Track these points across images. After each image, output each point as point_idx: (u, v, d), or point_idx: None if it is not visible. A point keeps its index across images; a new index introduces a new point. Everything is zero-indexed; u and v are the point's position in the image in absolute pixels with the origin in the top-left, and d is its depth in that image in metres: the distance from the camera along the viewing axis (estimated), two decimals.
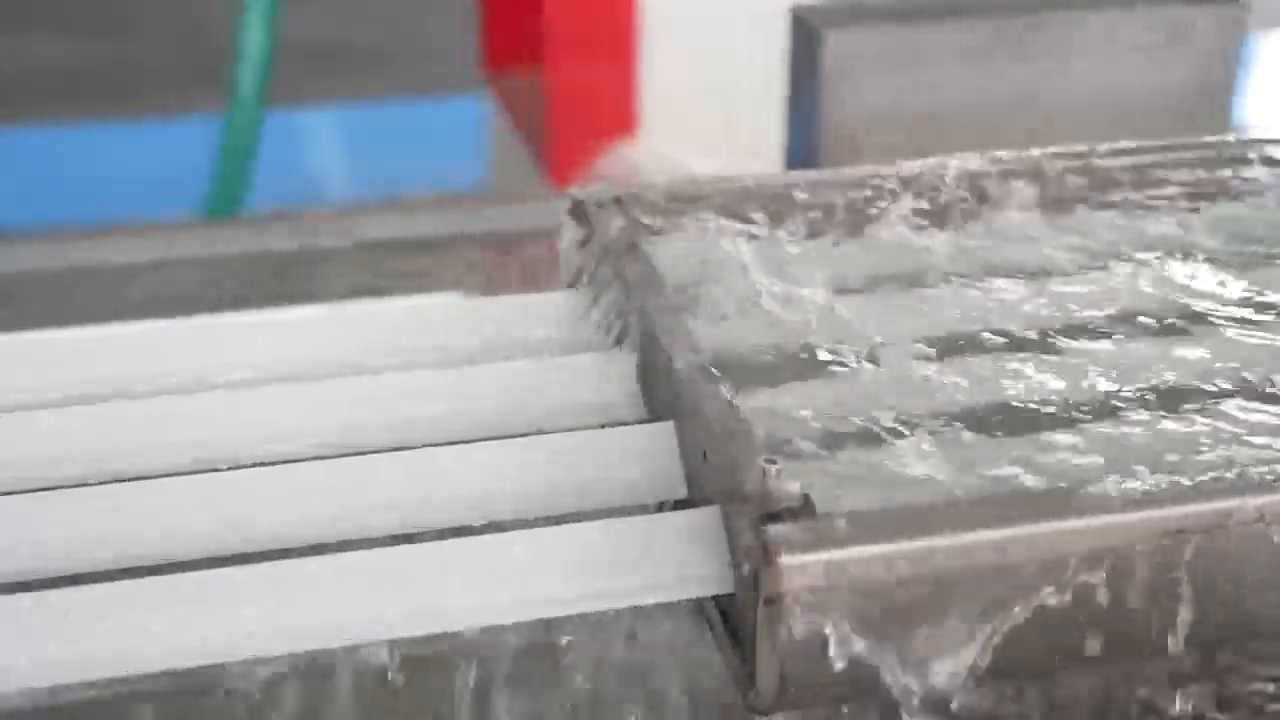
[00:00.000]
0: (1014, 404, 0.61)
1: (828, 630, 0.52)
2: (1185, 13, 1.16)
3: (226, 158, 1.79)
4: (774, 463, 0.53)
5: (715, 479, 0.57)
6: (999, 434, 0.59)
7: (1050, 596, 0.53)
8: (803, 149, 1.19)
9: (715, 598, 0.57)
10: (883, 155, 0.81)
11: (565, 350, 0.69)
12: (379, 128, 2.73)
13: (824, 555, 0.51)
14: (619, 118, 1.70)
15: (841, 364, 0.63)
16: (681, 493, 0.61)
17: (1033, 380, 0.62)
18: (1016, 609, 0.53)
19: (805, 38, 1.16)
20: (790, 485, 0.53)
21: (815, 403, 0.61)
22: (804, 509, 0.52)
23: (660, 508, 0.62)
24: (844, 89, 1.14)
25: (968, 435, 0.59)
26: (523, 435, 0.64)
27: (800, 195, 0.75)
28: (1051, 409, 0.61)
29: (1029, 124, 1.16)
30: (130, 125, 2.71)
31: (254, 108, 1.76)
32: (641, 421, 0.64)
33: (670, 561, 0.56)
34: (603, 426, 0.64)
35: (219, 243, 1.10)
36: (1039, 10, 1.16)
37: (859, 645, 0.52)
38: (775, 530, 0.52)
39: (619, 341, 0.68)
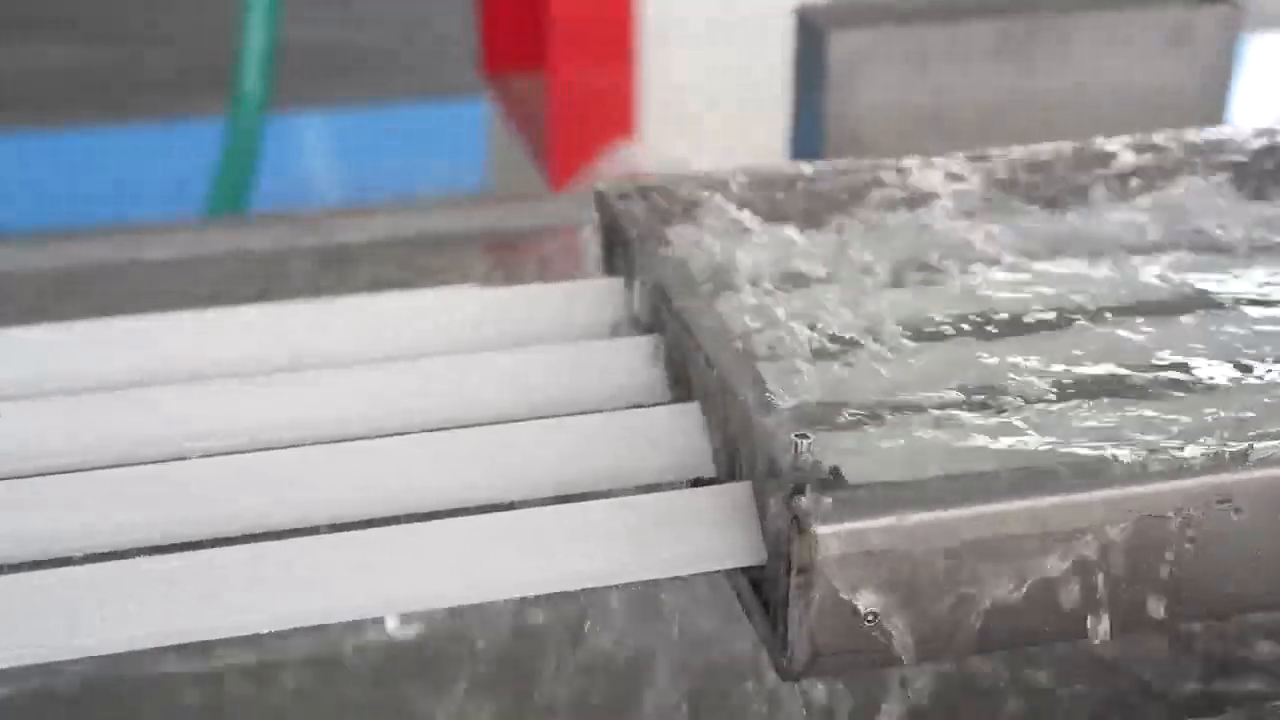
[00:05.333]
0: None
1: (858, 598, 0.54)
2: (1184, 14, 1.18)
3: (228, 160, 1.80)
4: (805, 437, 0.55)
5: (746, 455, 0.59)
6: None
7: (1078, 567, 0.55)
8: (807, 148, 1.20)
9: (744, 569, 0.59)
10: (886, 154, 0.83)
11: (595, 336, 0.71)
12: (379, 131, 2.75)
13: (854, 525, 0.53)
14: (619, 119, 1.72)
15: None
16: (709, 471, 0.63)
17: None
18: (1044, 578, 0.55)
19: (810, 38, 1.18)
20: (820, 458, 0.55)
21: None
22: (834, 481, 0.54)
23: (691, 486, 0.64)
24: (849, 88, 1.16)
25: None
26: (552, 417, 0.66)
27: None
28: None
29: (1030, 123, 1.18)
30: (133, 130, 2.72)
31: (256, 111, 1.77)
32: (669, 403, 0.66)
33: (703, 535, 0.58)
34: (631, 408, 0.66)
35: (236, 240, 1.12)
36: (1041, 11, 1.18)
37: (888, 613, 0.54)
38: (806, 501, 0.53)
39: (645, 326, 0.70)
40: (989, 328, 0.68)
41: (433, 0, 3.11)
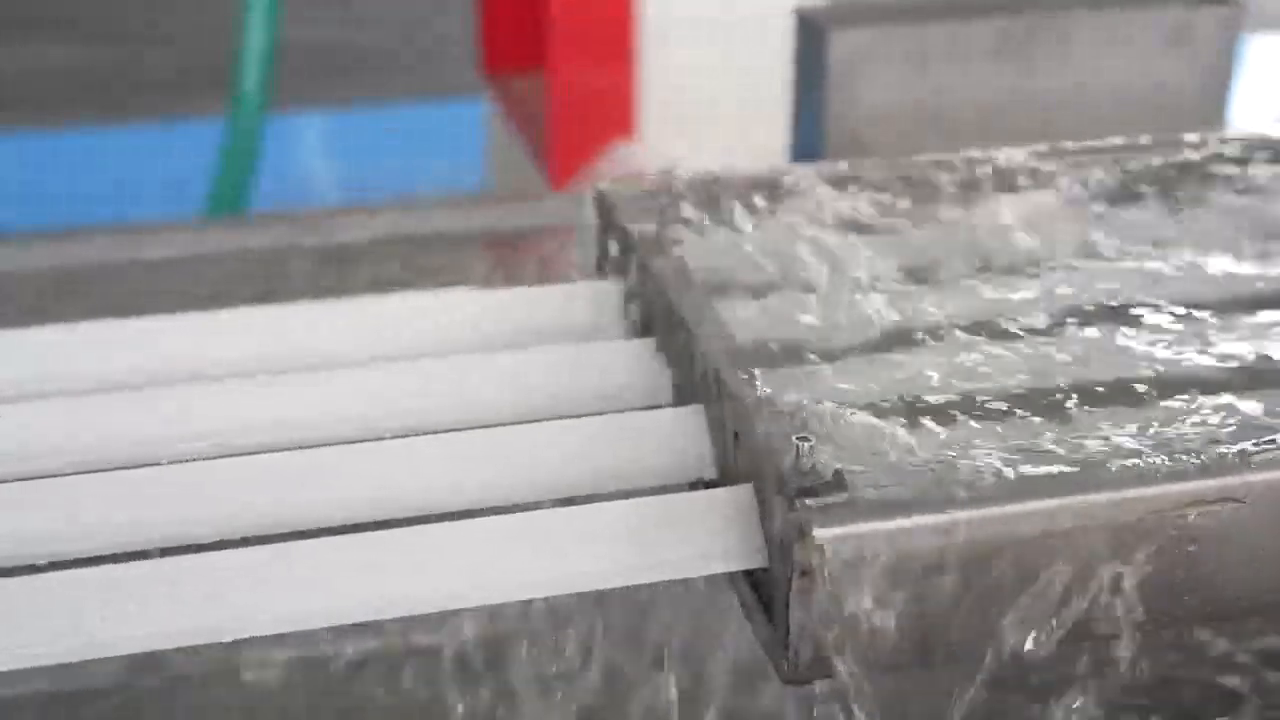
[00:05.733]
0: None
1: (860, 601, 0.54)
2: (1184, 14, 1.18)
3: (228, 160, 1.79)
4: (807, 440, 0.55)
5: (748, 458, 0.59)
6: None
7: (1079, 569, 0.55)
8: (807, 148, 1.20)
9: (747, 571, 0.59)
10: (886, 153, 0.83)
11: (595, 338, 0.70)
12: (379, 131, 2.75)
13: (856, 528, 0.53)
14: (619, 119, 1.72)
15: None
16: (711, 474, 0.63)
17: None
18: (1047, 581, 0.55)
19: (810, 37, 1.18)
20: (822, 461, 0.54)
21: None
22: (836, 484, 0.54)
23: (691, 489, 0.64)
24: (849, 88, 1.16)
25: None
26: (555, 419, 0.66)
27: None
28: None
29: (1030, 123, 1.18)
30: (133, 130, 2.72)
31: (255, 110, 1.77)
32: (671, 405, 0.66)
33: (706, 538, 0.58)
34: (633, 411, 0.66)
35: (236, 240, 1.12)
36: (1041, 11, 1.18)
37: (890, 616, 0.54)
38: (809, 505, 0.53)
39: (648, 328, 0.70)
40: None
41: (433, 0, 3.12)
